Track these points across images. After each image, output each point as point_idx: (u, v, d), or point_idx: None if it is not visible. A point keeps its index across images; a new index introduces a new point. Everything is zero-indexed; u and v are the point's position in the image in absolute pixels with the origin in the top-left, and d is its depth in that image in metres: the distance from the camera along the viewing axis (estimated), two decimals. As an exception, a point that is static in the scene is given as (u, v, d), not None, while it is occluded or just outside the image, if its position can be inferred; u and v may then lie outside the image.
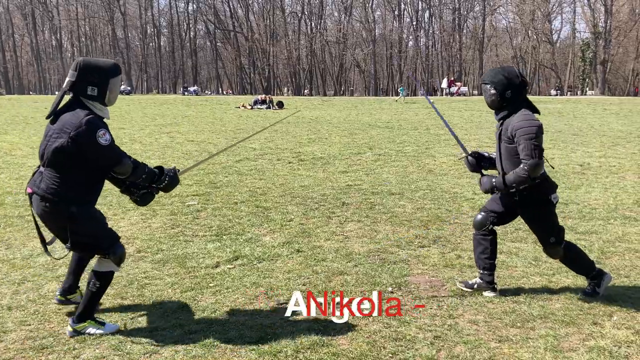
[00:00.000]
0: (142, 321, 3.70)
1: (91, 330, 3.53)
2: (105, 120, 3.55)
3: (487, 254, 4.23)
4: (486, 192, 4.08)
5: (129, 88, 61.19)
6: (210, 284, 4.39)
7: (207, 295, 4.15)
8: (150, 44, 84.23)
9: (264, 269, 4.76)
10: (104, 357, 3.25)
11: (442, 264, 4.89)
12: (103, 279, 3.56)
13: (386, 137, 15.25)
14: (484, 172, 4.21)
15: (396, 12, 74.14)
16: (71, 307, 3.87)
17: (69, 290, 3.92)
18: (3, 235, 5.81)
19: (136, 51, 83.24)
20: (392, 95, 59.88)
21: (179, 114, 25.06)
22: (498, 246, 5.37)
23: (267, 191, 8.04)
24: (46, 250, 3.64)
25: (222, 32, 79.76)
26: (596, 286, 4.10)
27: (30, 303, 4.01)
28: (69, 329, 3.53)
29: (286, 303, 3.96)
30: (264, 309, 3.90)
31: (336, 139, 14.87)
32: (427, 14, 74.90)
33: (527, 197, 3.94)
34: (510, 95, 3.89)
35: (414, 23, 74.84)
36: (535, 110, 3.97)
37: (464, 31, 72.96)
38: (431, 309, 3.92)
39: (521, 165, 3.79)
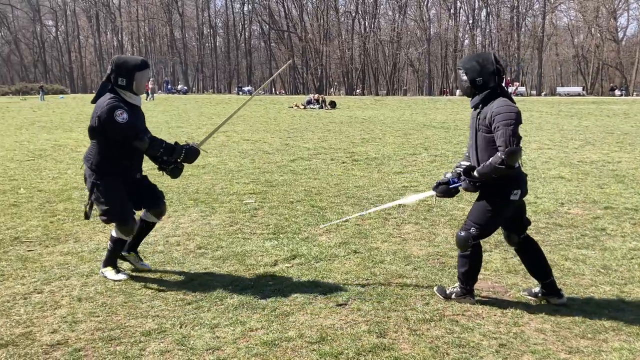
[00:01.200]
0: (204, 317, 3.76)
1: (108, 273, 4.46)
2: (138, 106, 4.35)
3: (539, 262, 4.03)
4: (442, 195, 4.04)
5: (185, 88, 62.89)
6: (269, 282, 4.42)
7: (266, 293, 4.18)
8: (207, 45, 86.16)
9: (321, 269, 4.76)
10: (168, 351, 3.32)
11: (505, 269, 4.74)
12: (115, 243, 4.46)
13: (442, 137, 14.99)
14: (459, 185, 3.99)
15: (452, 11, 72.89)
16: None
17: (128, 249, 4.67)
18: (71, 229, 6.06)
19: (193, 51, 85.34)
20: (447, 95, 58.78)
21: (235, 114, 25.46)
22: (563, 252, 5.21)
23: (322, 191, 8.05)
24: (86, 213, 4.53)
25: (276, 32, 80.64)
26: (455, 294, 4.00)
27: (99, 295, 4.15)
28: (100, 271, 4.53)
29: (345, 304, 3.95)
30: (324, 309, 3.89)
31: (390, 139, 14.73)
32: (484, 13, 73.25)
33: (488, 186, 3.78)
34: (482, 83, 3.74)
35: (470, 21, 73.32)
36: (512, 101, 3.80)
37: (522, 29, 70.88)
38: (495, 315, 3.80)
39: (497, 154, 3.62)
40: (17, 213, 6.73)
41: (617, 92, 60.37)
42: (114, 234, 4.44)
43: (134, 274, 4.61)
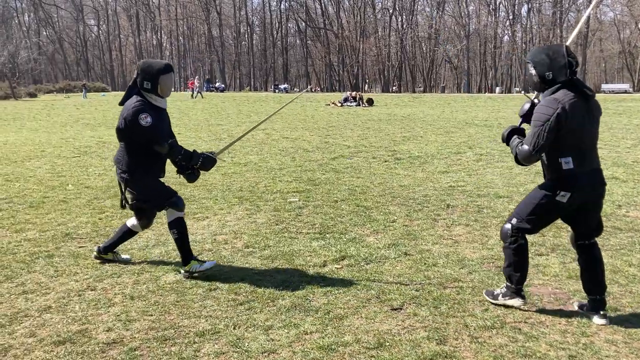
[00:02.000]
0: (257, 318, 3.70)
1: (195, 267, 4.41)
2: (164, 108, 4.47)
3: (588, 272, 3.74)
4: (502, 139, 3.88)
5: (222, 85, 63.58)
6: (320, 284, 4.33)
7: (318, 296, 4.09)
8: (243, 43, 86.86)
9: (372, 271, 4.64)
10: (223, 353, 3.26)
11: (565, 275, 4.53)
12: (177, 226, 4.46)
13: (486, 135, 14.64)
14: (524, 126, 3.84)
15: (491, 7, 71.48)
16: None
17: (104, 250, 4.80)
18: (120, 225, 6.09)
19: (230, 49, 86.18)
20: (485, 93, 57.68)
21: (272, 112, 25.56)
22: (626, 257, 4.95)
23: (366, 190, 7.92)
24: (122, 205, 4.62)
25: (312, 29, 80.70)
26: (502, 295, 3.86)
27: (151, 294, 4.14)
28: (182, 271, 4.46)
29: (400, 308, 3.83)
30: (379, 313, 3.77)
31: (432, 137, 14.48)
32: (524, 8, 71.55)
33: (544, 180, 3.75)
34: (551, 77, 3.50)
35: (511, 17, 71.76)
36: (582, 92, 3.48)
37: (565, 25, 68.93)
38: (560, 324, 3.62)
39: (519, 145, 3.59)
40: (67, 209, 6.84)
41: (665, 89, 58.02)
42: (170, 217, 4.46)
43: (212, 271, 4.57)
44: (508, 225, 3.78)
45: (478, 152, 11.61)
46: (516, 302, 3.82)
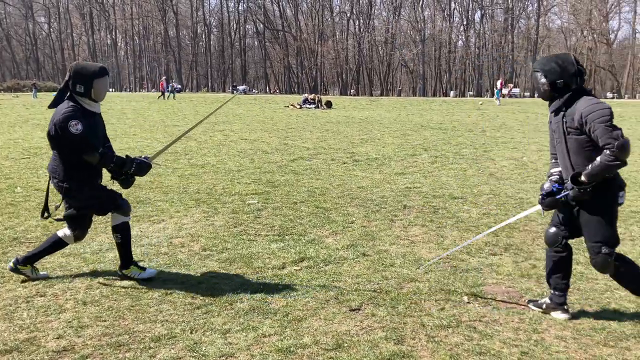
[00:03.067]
0: (214, 322, 3.65)
1: (134, 274, 4.38)
2: (98, 113, 4.27)
3: (561, 272, 3.86)
4: (550, 208, 3.73)
5: (179, 86, 62.65)
6: (278, 286, 4.31)
7: (276, 298, 4.07)
8: (200, 43, 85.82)
9: (331, 272, 4.65)
10: (180, 358, 3.20)
11: (517, 273, 4.66)
12: (121, 231, 4.37)
13: (440, 138, 14.93)
14: (566, 194, 3.63)
15: (446, 12, 73.04)
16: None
17: (23, 261, 4.37)
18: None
19: (187, 50, 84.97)
20: (440, 96, 58.85)
21: (230, 113, 25.33)
22: (574, 256, 5.12)
23: (325, 192, 7.94)
24: (42, 214, 4.40)
25: (270, 31, 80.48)
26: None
27: (104, 298, 4.03)
28: (119, 273, 4.43)
29: (359, 309, 3.86)
30: (337, 314, 3.79)
31: (389, 139, 14.66)
32: (477, 14, 73.47)
33: (594, 191, 3.49)
34: (563, 85, 3.54)
35: (465, 23, 73.51)
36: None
37: (516, 31, 71.16)
38: (513, 321, 3.72)
39: (605, 152, 3.36)
40: (15, 212, 6.58)
41: (608, 94, 60.77)
42: (115, 221, 4.34)
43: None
44: (602, 258, 3.57)
45: (433, 154, 11.83)
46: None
